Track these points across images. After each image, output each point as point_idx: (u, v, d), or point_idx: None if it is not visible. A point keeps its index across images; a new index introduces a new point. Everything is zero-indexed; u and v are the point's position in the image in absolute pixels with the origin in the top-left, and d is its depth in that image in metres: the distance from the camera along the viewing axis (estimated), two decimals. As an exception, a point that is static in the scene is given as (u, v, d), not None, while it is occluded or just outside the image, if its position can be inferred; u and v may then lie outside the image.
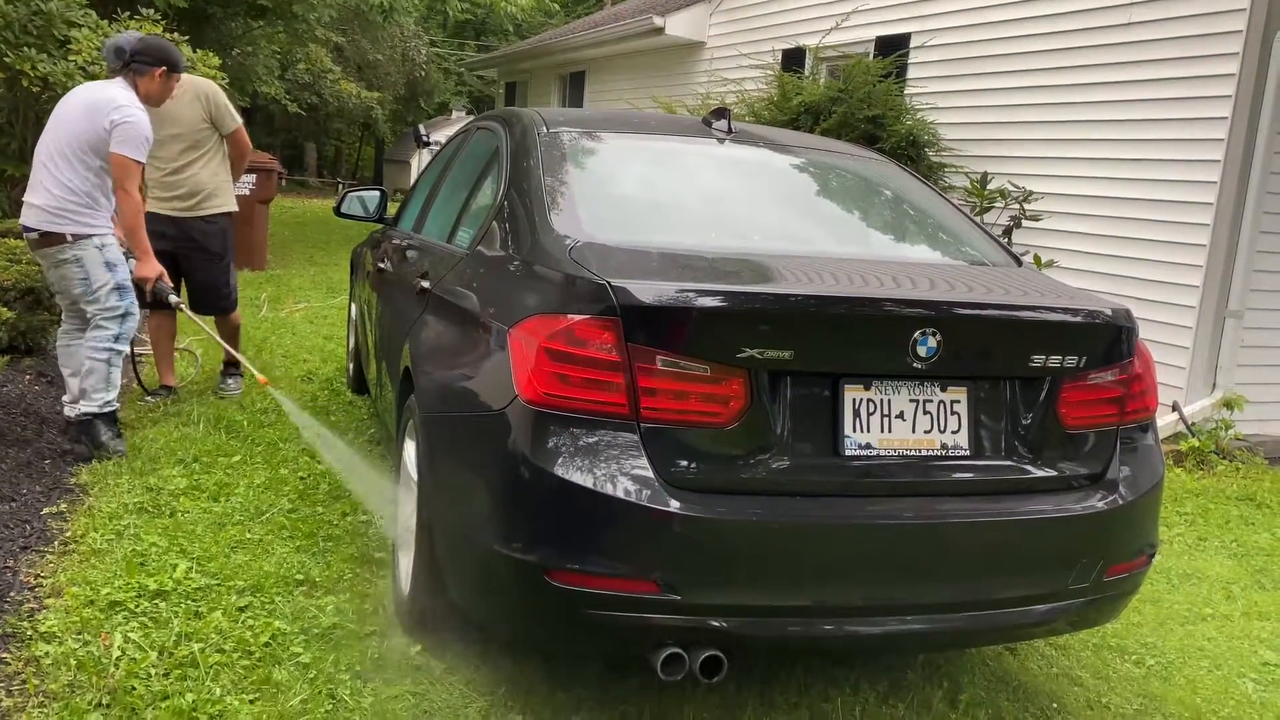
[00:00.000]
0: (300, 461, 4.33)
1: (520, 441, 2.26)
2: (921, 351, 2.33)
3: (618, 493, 2.18)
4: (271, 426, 4.77)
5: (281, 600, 3.07)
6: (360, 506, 3.85)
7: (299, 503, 3.88)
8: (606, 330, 2.22)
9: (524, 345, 2.31)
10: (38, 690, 2.50)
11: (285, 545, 3.48)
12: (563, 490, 2.19)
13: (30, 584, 3.06)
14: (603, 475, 2.19)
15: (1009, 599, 2.49)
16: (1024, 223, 7.01)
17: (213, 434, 4.59)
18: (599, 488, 2.18)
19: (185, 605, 2.97)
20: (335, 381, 5.93)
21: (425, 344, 3.05)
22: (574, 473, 2.19)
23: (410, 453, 3.04)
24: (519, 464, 2.26)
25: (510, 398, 2.31)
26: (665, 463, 2.22)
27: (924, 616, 2.43)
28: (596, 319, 2.23)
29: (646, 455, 2.21)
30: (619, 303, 2.22)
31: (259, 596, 3.07)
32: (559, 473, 2.19)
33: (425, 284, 3.24)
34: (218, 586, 3.11)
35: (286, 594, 3.11)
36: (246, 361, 5.21)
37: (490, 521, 2.36)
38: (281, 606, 3.03)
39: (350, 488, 3.97)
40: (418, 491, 2.84)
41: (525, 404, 2.26)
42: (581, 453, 2.21)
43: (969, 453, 2.45)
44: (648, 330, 2.22)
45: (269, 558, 3.35)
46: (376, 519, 3.68)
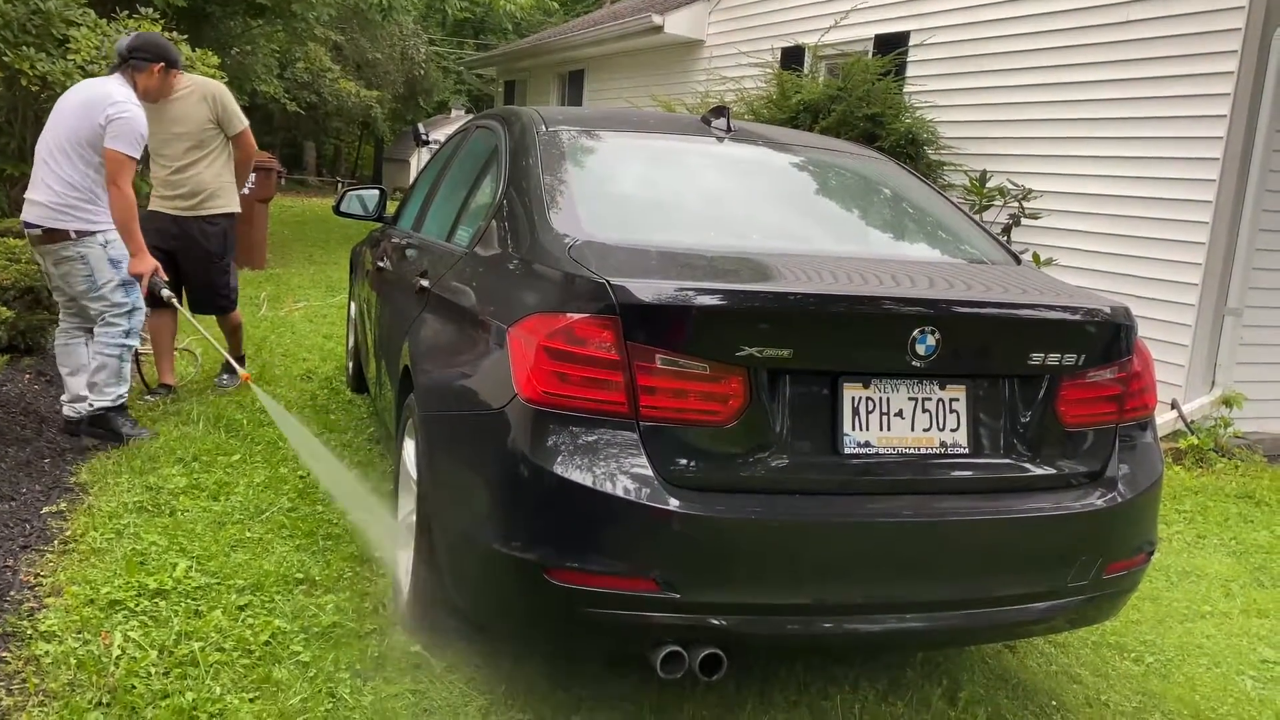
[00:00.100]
0: (300, 460, 4.33)
1: (520, 440, 2.26)
2: (920, 350, 2.33)
3: (617, 491, 2.18)
4: (271, 425, 4.76)
5: (281, 599, 3.07)
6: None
7: (299, 501, 3.88)
8: (606, 329, 2.22)
9: (523, 344, 2.32)
10: (38, 689, 2.50)
11: (285, 544, 3.48)
12: (562, 489, 2.19)
13: (30, 583, 3.06)
14: (602, 474, 2.19)
15: (1008, 597, 2.49)
16: (1023, 221, 7.01)
17: (212, 433, 4.59)
18: (598, 486, 2.18)
19: (185, 604, 2.97)
20: (335, 380, 5.93)
21: (424, 343, 3.05)
22: (573, 471, 2.19)
23: (410, 451, 3.04)
24: (518, 463, 2.26)
25: (510, 396, 2.31)
26: (664, 461, 2.22)
27: (923, 614, 2.43)
28: (596, 318, 2.23)
29: (646, 454, 2.21)
30: (618, 301, 2.22)
31: (259, 595, 3.08)
32: (558, 471, 2.19)
33: (424, 283, 3.24)
34: (217, 585, 3.11)
35: (286, 592, 3.12)
36: (229, 356, 5.27)
37: (490, 520, 2.36)
38: (281, 605, 3.03)
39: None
40: (417, 490, 2.84)
41: (524, 403, 2.26)
42: (581, 451, 2.21)
43: (968, 451, 2.46)
44: (647, 329, 2.22)
45: (269, 556, 3.36)
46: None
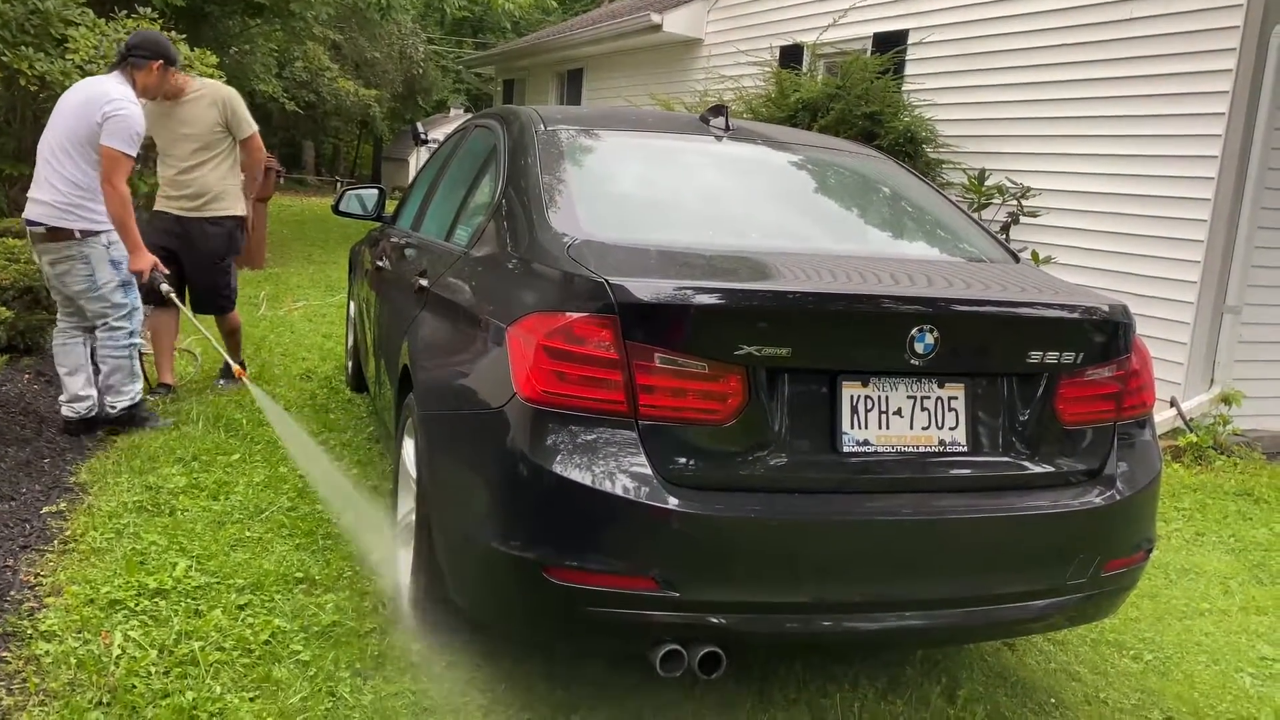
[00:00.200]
0: (293, 460, 4.33)
1: (519, 439, 2.26)
2: (919, 348, 2.33)
3: (616, 490, 2.18)
4: (271, 425, 4.77)
5: (281, 598, 3.07)
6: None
7: (298, 500, 3.88)
8: (605, 328, 2.22)
9: (522, 343, 2.32)
10: (38, 689, 2.50)
11: (285, 543, 3.48)
12: (561, 488, 2.19)
13: (30, 583, 3.06)
14: (601, 473, 2.19)
15: (1007, 594, 2.49)
16: (1021, 219, 7.01)
17: (212, 432, 4.59)
18: (597, 485, 2.18)
19: (185, 603, 2.98)
20: (334, 379, 5.93)
21: (424, 342, 3.05)
22: (572, 470, 2.19)
23: (409, 451, 3.04)
24: (518, 462, 2.26)
25: (509, 395, 2.31)
26: (664, 460, 2.22)
27: (922, 612, 2.43)
28: (595, 317, 2.23)
29: (645, 452, 2.22)
30: (617, 300, 2.22)
31: (259, 594, 3.08)
32: (557, 470, 2.20)
33: (423, 282, 3.24)
34: (217, 584, 3.12)
35: (286, 592, 3.12)
36: (227, 354, 5.27)
37: (489, 519, 2.37)
38: (281, 604, 3.03)
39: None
40: (416, 489, 2.84)
41: (524, 402, 2.26)
42: (580, 450, 2.21)
43: (967, 449, 2.46)
44: (646, 328, 2.22)
45: (268, 556, 3.36)
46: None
